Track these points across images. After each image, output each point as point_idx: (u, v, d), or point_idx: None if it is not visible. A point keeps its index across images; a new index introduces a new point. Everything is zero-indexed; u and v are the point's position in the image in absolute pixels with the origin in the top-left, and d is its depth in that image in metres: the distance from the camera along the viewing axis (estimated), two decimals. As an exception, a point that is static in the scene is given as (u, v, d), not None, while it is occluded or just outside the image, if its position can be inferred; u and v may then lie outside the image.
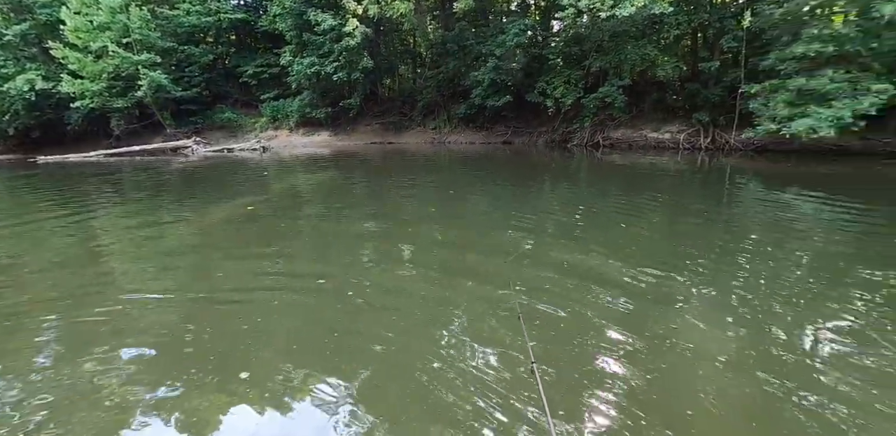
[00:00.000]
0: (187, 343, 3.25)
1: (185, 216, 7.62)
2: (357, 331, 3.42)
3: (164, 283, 4.51)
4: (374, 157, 17.29)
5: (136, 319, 3.68)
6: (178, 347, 3.20)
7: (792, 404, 2.46)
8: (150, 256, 5.42)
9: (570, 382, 2.71)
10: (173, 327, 3.50)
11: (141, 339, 3.30)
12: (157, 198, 9.67)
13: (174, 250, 5.62)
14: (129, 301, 4.01)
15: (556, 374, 2.78)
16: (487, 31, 19.11)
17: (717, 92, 15.07)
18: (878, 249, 5.07)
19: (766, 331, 3.26)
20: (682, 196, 8.93)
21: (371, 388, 2.71)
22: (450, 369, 2.86)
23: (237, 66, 24.57)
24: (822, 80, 11.23)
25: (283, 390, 2.71)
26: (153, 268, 4.96)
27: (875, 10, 10.17)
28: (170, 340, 3.31)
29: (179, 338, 3.32)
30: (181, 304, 3.96)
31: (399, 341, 3.23)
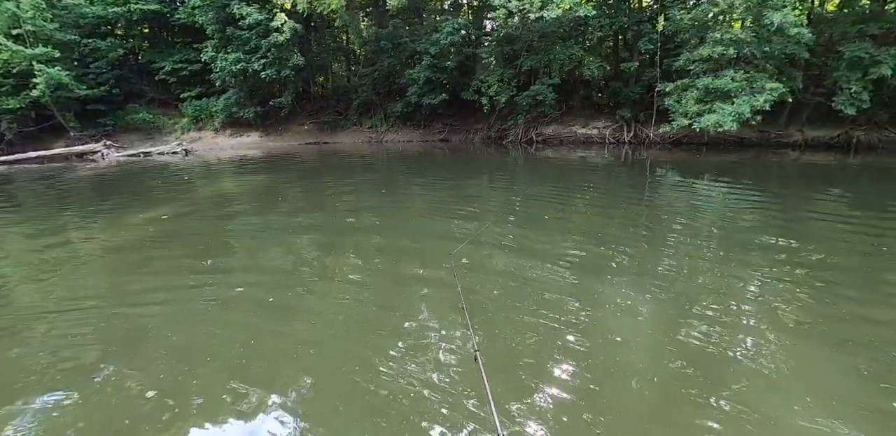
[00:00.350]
0: (93, 366, 2.99)
1: (93, 229, 6.78)
2: (282, 335, 3.34)
3: (71, 304, 4.00)
4: (308, 158, 16.72)
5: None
6: (88, 372, 2.92)
7: (706, 353, 2.76)
8: (55, 276, 4.77)
9: (511, 365, 2.84)
10: (81, 351, 3.21)
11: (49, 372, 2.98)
12: (61, 211, 8.47)
13: (82, 268, 4.97)
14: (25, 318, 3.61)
15: (497, 358, 2.91)
16: (421, 30, 19.15)
17: (637, 90, 16.20)
18: (774, 222, 6.06)
19: (686, 301, 3.60)
20: (609, 185, 9.57)
21: (302, 392, 2.67)
22: (389, 365, 2.88)
23: (152, 61, 22.68)
24: (725, 80, 12.44)
25: (206, 405, 2.55)
26: (58, 289, 4.43)
27: (766, 17, 11.41)
28: (76, 365, 3.03)
29: (87, 363, 3.04)
30: (90, 325, 3.61)
31: (330, 343, 3.21)
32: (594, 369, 2.74)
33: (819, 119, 14.78)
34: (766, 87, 12.06)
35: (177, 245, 5.74)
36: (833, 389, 2.51)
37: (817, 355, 2.85)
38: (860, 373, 2.64)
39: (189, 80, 22.45)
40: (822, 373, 2.67)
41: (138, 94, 23.55)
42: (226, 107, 20.92)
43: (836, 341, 2.98)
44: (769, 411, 2.33)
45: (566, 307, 3.56)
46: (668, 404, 2.44)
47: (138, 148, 20.18)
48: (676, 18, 13.57)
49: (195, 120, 22.40)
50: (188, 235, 6.19)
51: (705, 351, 2.89)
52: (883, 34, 12.44)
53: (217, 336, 3.35)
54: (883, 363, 2.71)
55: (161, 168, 14.86)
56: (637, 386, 2.58)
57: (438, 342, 3.09)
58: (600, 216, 6.83)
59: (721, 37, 12.41)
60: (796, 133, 15.00)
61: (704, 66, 13.02)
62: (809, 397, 2.44)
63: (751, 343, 2.98)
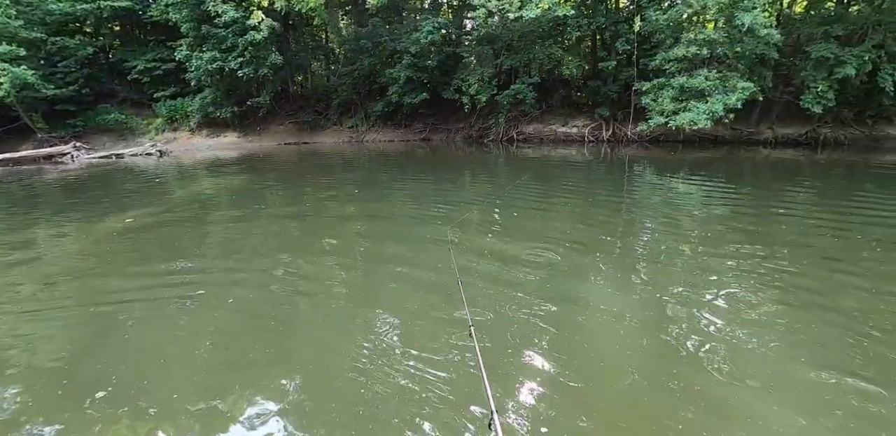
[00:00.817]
0: (66, 372, 2.92)
1: (64, 233, 6.54)
2: (263, 332, 3.32)
3: (41, 308, 3.91)
4: (288, 158, 16.50)
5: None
6: (58, 376, 2.85)
7: (681, 344, 2.86)
8: (24, 282, 4.62)
9: (504, 343, 2.91)
10: (40, 349, 3.17)
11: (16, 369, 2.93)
12: (28, 215, 8.19)
13: (53, 274, 4.79)
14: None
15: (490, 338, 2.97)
16: (401, 29, 19.08)
17: (615, 89, 16.49)
18: (746, 214, 6.35)
19: (664, 289, 3.72)
20: (589, 183, 9.76)
21: (301, 392, 2.65)
22: (380, 363, 2.89)
23: (124, 60, 22.02)
24: (699, 79, 12.78)
25: (201, 417, 2.44)
26: (23, 292, 4.31)
27: (738, 18, 11.76)
28: (30, 364, 2.98)
29: (61, 369, 2.96)
30: (54, 326, 3.54)
31: (322, 342, 3.20)
32: (573, 342, 2.81)
33: (788, 117, 15.31)
34: (738, 86, 12.43)
35: (150, 248, 5.59)
36: (798, 378, 2.63)
37: (784, 346, 2.97)
38: (823, 361, 2.77)
39: (163, 80, 21.87)
40: (789, 364, 2.79)
41: (109, 93, 22.84)
42: (202, 107, 20.46)
43: (799, 330, 3.12)
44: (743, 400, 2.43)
45: (553, 291, 3.63)
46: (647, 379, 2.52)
47: (110, 149, 19.57)
48: (652, 19, 13.87)
49: (170, 120, 21.85)
50: (161, 238, 6.03)
51: (682, 328, 2.99)
52: (847, 35, 12.97)
53: (182, 338, 3.31)
54: (840, 351, 2.85)
55: (134, 170, 14.47)
56: (617, 363, 2.67)
57: (430, 333, 3.12)
58: (581, 209, 6.98)
59: (695, 37, 12.73)
60: (767, 130, 15.50)
61: (679, 65, 13.34)
62: (774, 383, 2.55)
63: (718, 325, 3.10)
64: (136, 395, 2.60)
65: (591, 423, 2.27)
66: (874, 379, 2.52)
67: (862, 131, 14.86)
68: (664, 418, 2.28)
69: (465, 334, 2.76)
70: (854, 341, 2.92)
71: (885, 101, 13.70)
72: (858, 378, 2.54)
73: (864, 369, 2.61)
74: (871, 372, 2.59)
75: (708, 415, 2.30)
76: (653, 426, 2.25)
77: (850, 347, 2.86)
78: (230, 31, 17.80)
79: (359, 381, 2.66)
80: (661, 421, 2.27)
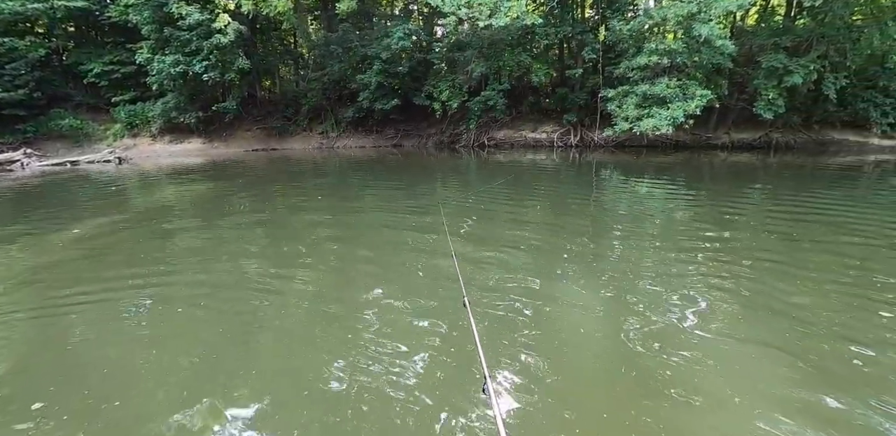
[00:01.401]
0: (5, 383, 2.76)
1: (11, 247, 5.90)
2: (243, 348, 3.20)
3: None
4: (256, 165, 16.08)
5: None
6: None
7: (647, 335, 2.97)
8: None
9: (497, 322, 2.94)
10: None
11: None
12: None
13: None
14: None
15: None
16: (372, 34, 19.09)
17: (582, 96, 16.99)
18: (707, 216, 6.64)
19: (631, 283, 3.86)
20: (559, 186, 10.00)
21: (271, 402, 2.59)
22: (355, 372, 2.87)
23: (79, 63, 21.08)
24: (660, 87, 13.33)
25: (159, 431, 2.32)
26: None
27: (695, 30, 12.37)
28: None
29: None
30: (6, 341, 3.35)
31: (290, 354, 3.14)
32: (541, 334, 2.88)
33: (743, 122, 16.16)
34: (696, 93, 13.05)
35: (105, 258, 5.26)
36: (762, 371, 2.78)
37: (748, 337, 3.13)
38: (784, 353, 2.93)
39: (122, 84, 21.06)
40: (753, 355, 2.94)
41: (63, 97, 21.77)
42: (164, 112, 19.80)
43: (759, 320, 3.29)
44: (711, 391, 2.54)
45: (529, 283, 3.70)
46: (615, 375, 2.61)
47: (64, 157, 18.62)
48: (616, 29, 14.41)
49: (129, 126, 21.01)
50: (118, 248, 5.67)
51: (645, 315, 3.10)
52: (794, 47, 13.83)
53: (133, 347, 3.15)
54: (804, 345, 3.03)
55: (91, 178, 13.79)
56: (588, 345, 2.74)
57: (418, 323, 3.12)
58: (552, 210, 7.15)
59: (656, 47, 13.30)
60: (724, 135, 16.30)
61: (642, 73, 13.89)
62: (742, 379, 2.68)
63: (689, 320, 3.23)
64: (81, 409, 2.47)
65: (572, 387, 2.33)
66: (809, 358, 2.70)
67: (809, 136, 15.84)
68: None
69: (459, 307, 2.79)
70: (800, 327, 3.10)
71: (830, 108, 14.67)
72: (802, 360, 2.71)
73: (801, 348, 2.80)
74: (800, 349, 2.83)
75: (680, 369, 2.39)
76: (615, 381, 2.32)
77: (796, 332, 3.04)
78: (194, 33, 17.36)
79: (332, 388, 2.62)
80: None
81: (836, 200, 7.40)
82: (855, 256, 4.59)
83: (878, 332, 3.06)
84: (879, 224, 5.83)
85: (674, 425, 2.23)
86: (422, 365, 2.79)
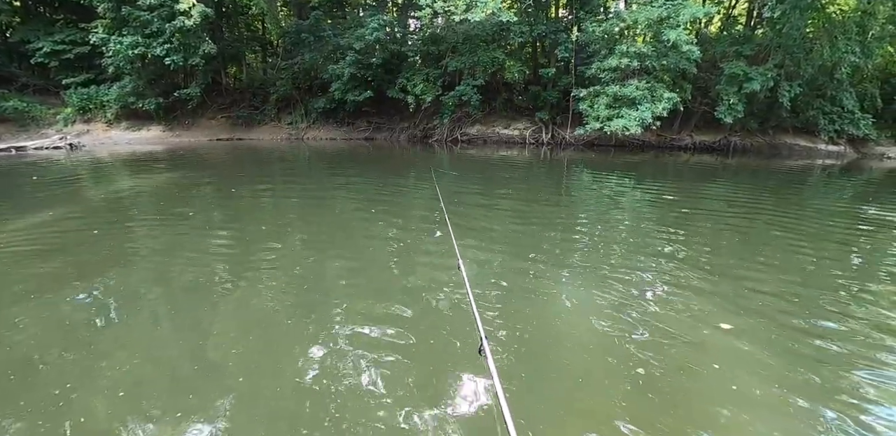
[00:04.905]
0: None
1: None
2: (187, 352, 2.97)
3: None
4: (220, 155, 15.45)
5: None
6: None
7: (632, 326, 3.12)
8: None
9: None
10: None
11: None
12: None
13: None
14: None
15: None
16: (345, 24, 18.68)
17: (555, 95, 17.27)
18: (670, 210, 7.06)
19: (606, 277, 4.03)
20: (531, 182, 10.22)
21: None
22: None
23: (26, 41, 19.57)
24: (630, 88, 13.73)
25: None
26: None
27: (664, 34, 12.79)
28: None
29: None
30: None
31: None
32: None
33: (704, 125, 16.90)
34: (664, 95, 13.54)
35: (56, 258, 4.75)
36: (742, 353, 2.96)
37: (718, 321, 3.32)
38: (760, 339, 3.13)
39: (73, 65, 19.72)
40: (730, 341, 3.12)
41: (7, 78, 20.18)
42: (120, 96, 18.71)
43: (723, 303, 3.50)
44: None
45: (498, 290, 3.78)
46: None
47: (8, 142, 17.30)
48: (589, 30, 14.71)
49: (81, 110, 19.70)
50: (72, 245, 5.17)
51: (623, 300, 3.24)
52: (754, 55, 14.55)
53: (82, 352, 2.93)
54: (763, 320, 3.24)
55: (39, 165, 12.90)
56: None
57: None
58: (525, 204, 7.33)
59: (627, 49, 13.68)
60: (687, 137, 17.00)
61: (613, 75, 14.26)
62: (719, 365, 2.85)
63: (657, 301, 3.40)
64: (38, 409, 2.34)
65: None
66: (785, 344, 2.91)
67: (765, 140, 16.75)
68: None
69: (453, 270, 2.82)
70: (771, 308, 3.33)
71: (784, 114, 15.55)
72: (780, 343, 2.91)
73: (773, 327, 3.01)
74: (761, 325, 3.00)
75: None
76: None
77: (768, 316, 3.27)
78: (155, 15, 16.46)
79: (304, 389, 2.60)
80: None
81: (792, 202, 7.91)
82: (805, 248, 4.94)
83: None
84: (819, 224, 6.34)
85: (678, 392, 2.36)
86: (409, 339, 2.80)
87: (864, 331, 3.16)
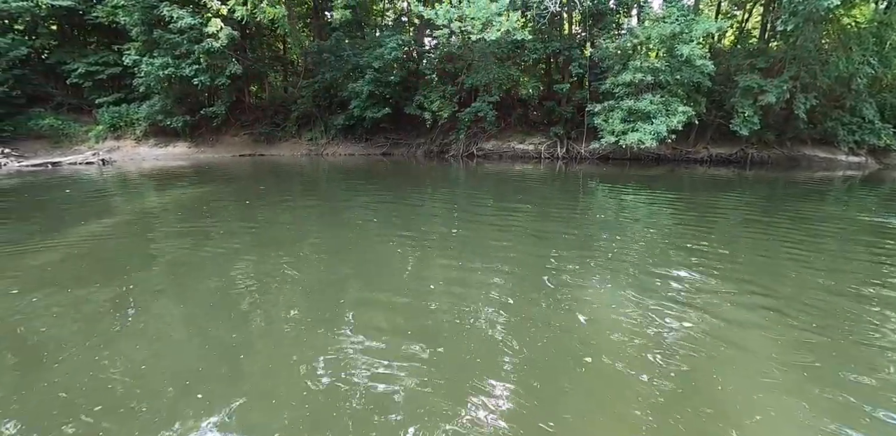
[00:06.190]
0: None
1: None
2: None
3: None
4: (244, 170, 15.93)
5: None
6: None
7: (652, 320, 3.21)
8: None
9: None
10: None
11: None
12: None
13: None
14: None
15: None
16: (364, 44, 19.32)
17: (569, 109, 17.51)
18: (686, 221, 7.30)
19: (625, 278, 4.10)
20: (547, 195, 10.38)
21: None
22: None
23: (62, 62, 20.66)
24: (644, 102, 13.90)
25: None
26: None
27: (677, 49, 13.00)
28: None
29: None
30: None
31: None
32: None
33: (720, 138, 16.91)
34: (678, 109, 13.66)
35: (93, 270, 4.92)
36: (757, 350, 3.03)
37: (743, 329, 3.39)
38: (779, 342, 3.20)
39: (105, 85, 20.70)
40: (749, 341, 3.19)
41: (43, 97, 21.25)
42: (149, 114, 19.52)
43: (746, 309, 3.57)
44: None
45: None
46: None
47: (43, 157, 18.13)
48: (603, 47, 15.00)
49: (112, 127, 20.59)
50: (106, 258, 5.38)
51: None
52: (769, 67, 14.65)
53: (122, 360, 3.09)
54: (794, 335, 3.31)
55: (76, 180, 13.48)
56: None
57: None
58: (541, 217, 7.47)
59: (640, 64, 13.91)
60: (703, 150, 17.01)
61: (627, 89, 14.46)
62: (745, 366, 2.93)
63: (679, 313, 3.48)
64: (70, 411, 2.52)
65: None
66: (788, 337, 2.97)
67: (782, 151, 16.68)
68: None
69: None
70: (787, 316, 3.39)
71: (801, 126, 15.51)
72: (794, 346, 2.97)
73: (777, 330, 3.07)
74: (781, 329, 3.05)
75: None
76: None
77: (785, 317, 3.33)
78: (185, 37, 17.28)
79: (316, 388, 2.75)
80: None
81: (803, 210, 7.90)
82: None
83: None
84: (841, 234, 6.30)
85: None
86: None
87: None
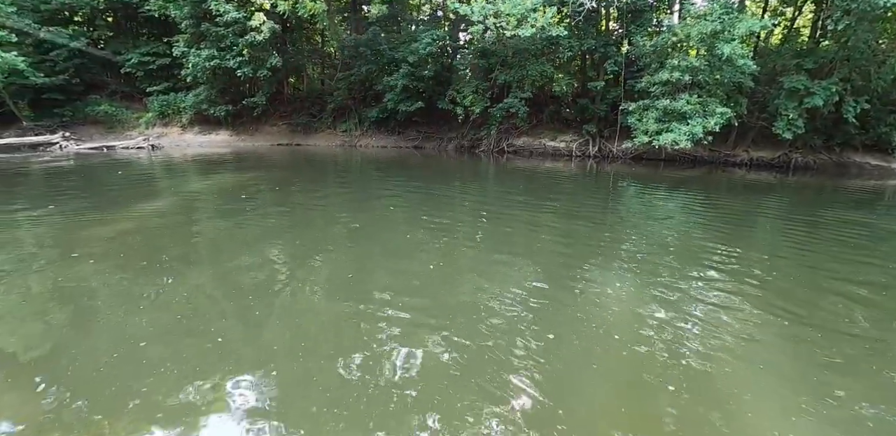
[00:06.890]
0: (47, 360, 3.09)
1: (47, 231, 6.12)
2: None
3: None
4: (282, 159, 16.60)
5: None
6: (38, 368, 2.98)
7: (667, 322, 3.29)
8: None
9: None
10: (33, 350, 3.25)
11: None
12: (8, 206, 7.67)
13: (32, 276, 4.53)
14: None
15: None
16: (399, 38, 19.57)
17: (603, 108, 17.25)
18: (717, 224, 7.23)
19: (652, 280, 4.17)
20: (578, 194, 10.34)
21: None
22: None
23: (117, 52, 21.90)
24: (681, 102, 13.55)
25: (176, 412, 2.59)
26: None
27: (718, 48, 12.60)
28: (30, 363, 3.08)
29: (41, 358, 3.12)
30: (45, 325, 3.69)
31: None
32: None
33: (762, 141, 16.28)
34: (716, 110, 13.25)
35: (140, 243, 5.56)
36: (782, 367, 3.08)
37: (772, 343, 3.43)
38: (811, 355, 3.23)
39: (156, 74, 21.82)
40: (777, 357, 3.24)
41: (99, 85, 22.64)
42: (195, 103, 20.48)
43: (776, 320, 3.59)
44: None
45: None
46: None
47: (97, 141, 19.37)
48: (640, 44, 14.68)
49: (161, 115, 21.74)
50: (152, 233, 6.00)
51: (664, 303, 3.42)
52: (817, 69, 13.98)
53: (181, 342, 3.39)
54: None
55: (128, 163, 14.41)
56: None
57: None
58: (569, 214, 7.50)
59: (678, 63, 13.54)
60: (742, 153, 16.43)
61: (663, 88, 14.12)
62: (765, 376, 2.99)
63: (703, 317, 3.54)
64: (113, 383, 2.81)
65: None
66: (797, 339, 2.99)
67: (830, 157, 15.90)
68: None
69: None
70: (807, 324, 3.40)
71: (851, 131, 14.74)
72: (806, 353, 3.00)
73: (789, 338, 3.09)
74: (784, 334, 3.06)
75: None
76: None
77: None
78: (230, 30, 17.99)
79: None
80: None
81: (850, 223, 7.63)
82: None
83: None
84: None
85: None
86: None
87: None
